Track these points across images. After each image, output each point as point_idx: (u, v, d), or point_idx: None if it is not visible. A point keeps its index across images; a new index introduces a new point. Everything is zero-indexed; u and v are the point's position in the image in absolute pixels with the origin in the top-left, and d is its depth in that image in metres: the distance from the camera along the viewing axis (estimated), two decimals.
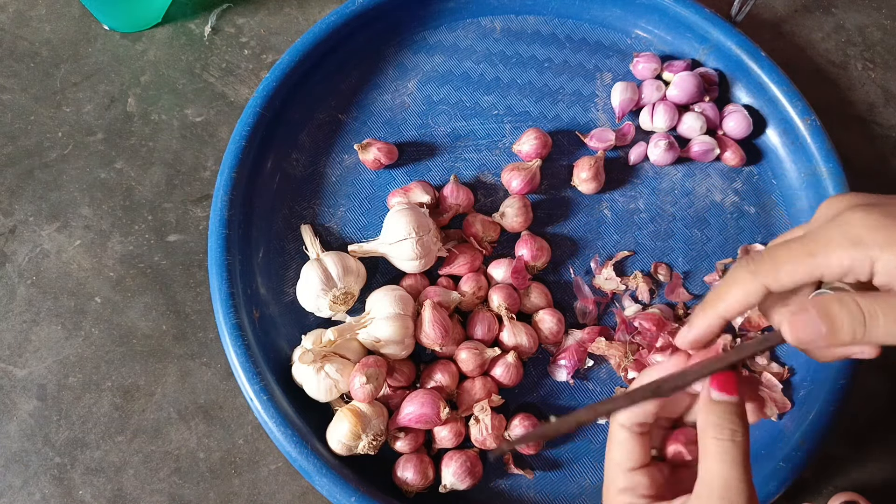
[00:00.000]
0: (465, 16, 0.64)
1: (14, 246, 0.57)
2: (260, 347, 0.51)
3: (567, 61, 0.63)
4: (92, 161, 0.60)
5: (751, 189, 0.60)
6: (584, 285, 0.56)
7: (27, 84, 0.62)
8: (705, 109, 0.60)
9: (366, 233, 0.57)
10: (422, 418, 0.48)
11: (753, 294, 0.31)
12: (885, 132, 0.65)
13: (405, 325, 0.50)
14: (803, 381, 0.53)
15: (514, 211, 0.55)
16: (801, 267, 0.29)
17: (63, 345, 0.55)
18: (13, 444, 0.52)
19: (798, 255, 0.30)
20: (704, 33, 0.61)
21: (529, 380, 0.54)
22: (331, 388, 0.49)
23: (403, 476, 0.49)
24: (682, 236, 0.58)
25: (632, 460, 0.33)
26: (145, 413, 0.53)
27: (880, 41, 0.68)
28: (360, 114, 0.61)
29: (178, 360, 0.55)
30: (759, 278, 0.30)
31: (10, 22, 0.65)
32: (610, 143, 0.59)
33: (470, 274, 0.54)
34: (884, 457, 0.55)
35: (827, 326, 0.29)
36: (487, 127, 0.61)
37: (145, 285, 0.56)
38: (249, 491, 0.52)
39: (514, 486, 0.51)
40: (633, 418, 0.33)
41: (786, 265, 0.30)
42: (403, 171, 0.59)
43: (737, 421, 0.30)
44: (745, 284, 0.31)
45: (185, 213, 0.59)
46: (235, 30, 0.65)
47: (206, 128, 0.61)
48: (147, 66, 0.63)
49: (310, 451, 0.47)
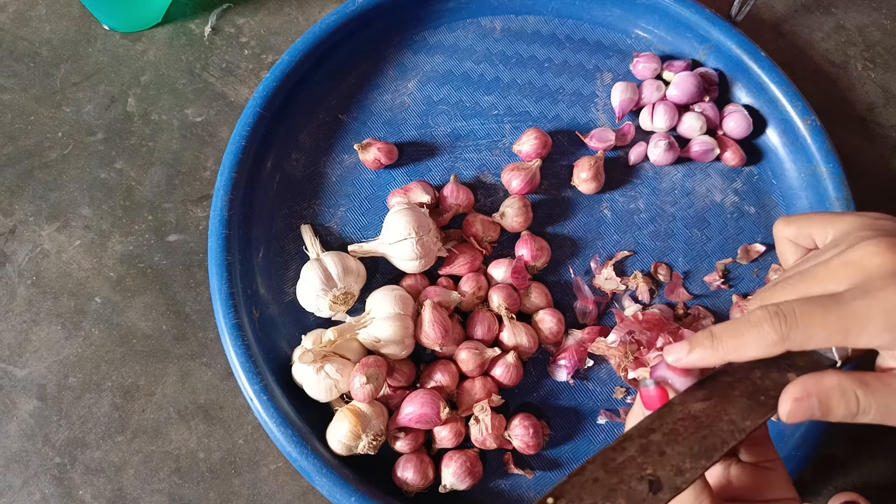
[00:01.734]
0: (465, 16, 0.64)
1: (14, 246, 0.57)
2: (260, 347, 0.51)
3: (567, 61, 0.63)
4: (92, 161, 0.60)
5: (751, 189, 0.60)
6: (584, 285, 0.56)
7: (27, 84, 0.62)
8: (705, 109, 0.60)
9: (366, 233, 0.57)
10: (422, 418, 0.48)
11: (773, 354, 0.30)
12: (885, 132, 0.65)
13: (405, 325, 0.50)
14: None
15: (514, 211, 0.55)
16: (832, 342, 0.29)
17: (63, 345, 0.55)
18: (13, 444, 0.52)
19: (833, 332, 0.29)
20: (704, 33, 0.61)
21: (529, 380, 0.54)
22: (331, 388, 0.49)
23: (403, 476, 0.49)
24: (682, 236, 0.58)
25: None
26: (145, 413, 0.53)
27: (880, 41, 0.68)
28: (360, 114, 0.61)
29: (178, 360, 0.55)
30: (786, 345, 0.30)
31: (10, 22, 0.65)
32: (610, 143, 0.59)
33: (470, 274, 0.54)
34: (884, 457, 0.55)
35: (822, 412, 0.29)
36: (487, 127, 0.61)
37: (145, 285, 0.56)
38: (249, 491, 0.52)
39: (514, 486, 0.51)
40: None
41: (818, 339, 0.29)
42: (403, 171, 0.59)
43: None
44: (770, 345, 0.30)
45: (185, 213, 0.59)
46: (235, 30, 0.65)
47: (206, 128, 0.61)
48: (147, 66, 0.63)
49: (310, 451, 0.47)
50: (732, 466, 0.34)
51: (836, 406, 0.29)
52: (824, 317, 0.29)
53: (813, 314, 0.29)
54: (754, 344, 0.30)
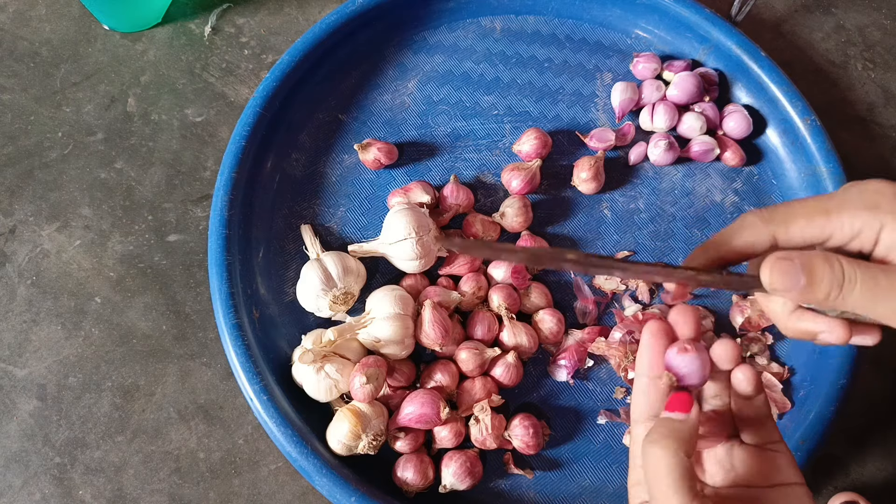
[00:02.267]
0: (465, 16, 0.64)
1: (14, 246, 0.57)
2: (260, 347, 0.51)
3: (567, 61, 0.63)
4: (92, 161, 0.60)
5: (751, 189, 0.60)
6: (584, 285, 0.56)
7: (27, 84, 0.62)
8: (705, 109, 0.60)
9: (366, 233, 0.57)
10: (422, 418, 0.48)
11: (760, 241, 0.30)
12: (885, 132, 0.65)
13: (405, 325, 0.50)
14: (803, 382, 0.53)
15: (514, 211, 0.55)
16: (815, 222, 0.29)
17: (63, 345, 0.55)
18: (13, 444, 0.52)
19: (813, 211, 0.29)
20: (704, 33, 0.61)
21: (529, 380, 0.54)
22: (331, 388, 0.49)
23: (403, 476, 0.49)
24: (682, 236, 0.58)
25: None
26: (145, 413, 0.53)
27: (880, 41, 0.68)
28: (360, 114, 0.61)
29: (178, 360, 0.55)
30: (770, 226, 0.30)
31: (10, 22, 0.65)
32: (610, 143, 0.59)
33: (470, 274, 0.54)
34: (884, 457, 0.55)
35: (807, 279, 0.29)
36: (487, 127, 0.61)
37: (145, 285, 0.56)
38: (249, 491, 0.52)
39: (514, 486, 0.51)
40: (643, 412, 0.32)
41: (799, 218, 0.30)
42: (403, 171, 0.59)
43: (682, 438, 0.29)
44: (755, 229, 0.30)
45: (185, 213, 0.59)
46: (235, 30, 0.65)
47: (206, 128, 0.61)
48: (147, 66, 0.63)
49: (310, 451, 0.47)
50: (736, 449, 0.33)
51: (820, 272, 0.29)
52: (805, 201, 0.30)
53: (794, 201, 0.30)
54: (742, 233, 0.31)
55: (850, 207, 0.29)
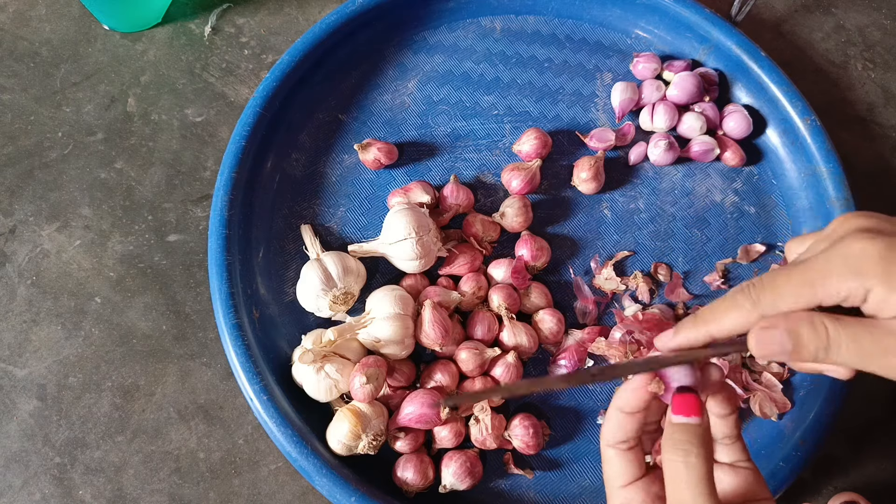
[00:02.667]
0: (465, 16, 0.64)
1: (14, 246, 0.57)
2: (260, 347, 0.51)
3: (567, 61, 0.63)
4: (92, 161, 0.60)
5: (751, 189, 0.60)
6: (584, 285, 0.56)
7: (27, 84, 0.62)
8: (705, 109, 0.60)
9: (366, 233, 0.57)
10: (422, 418, 0.48)
11: (749, 322, 0.31)
12: (885, 132, 0.65)
13: (405, 325, 0.50)
14: (803, 382, 0.53)
15: (514, 211, 0.55)
16: (802, 298, 0.30)
17: (63, 345, 0.55)
18: (13, 444, 0.52)
19: (798, 286, 0.30)
20: (704, 33, 0.61)
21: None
22: (331, 388, 0.49)
23: (403, 476, 0.49)
24: (682, 236, 0.58)
25: (622, 477, 0.33)
26: (145, 413, 0.53)
27: (880, 41, 0.68)
28: (360, 114, 0.61)
29: (178, 360, 0.55)
30: (758, 308, 0.31)
31: (10, 22, 0.65)
32: (610, 143, 0.59)
33: (470, 274, 0.54)
34: (884, 457, 0.55)
35: (793, 345, 0.29)
36: (487, 127, 0.61)
37: (145, 285, 0.56)
38: (249, 491, 0.52)
39: (514, 486, 0.51)
40: (615, 437, 0.33)
41: (786, 297, 0.30)
42: (403, 171, 0.59)
43: (694, 441, 0.30)
44: (744, 312, 0.31)
45: (185, 213, 0.59)
46: (235, 30, 0.65)
47: (206, 128, 0.61)
48: (147, 66, 0.63)
49: (310, 451, 0.47)
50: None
51: (806, 338, 0.29)
52: (788, 275, 0.30)
53: (778, 275, 0.31)
54: (732, 315, 0.31)
55: (834, 275, 0.29)
